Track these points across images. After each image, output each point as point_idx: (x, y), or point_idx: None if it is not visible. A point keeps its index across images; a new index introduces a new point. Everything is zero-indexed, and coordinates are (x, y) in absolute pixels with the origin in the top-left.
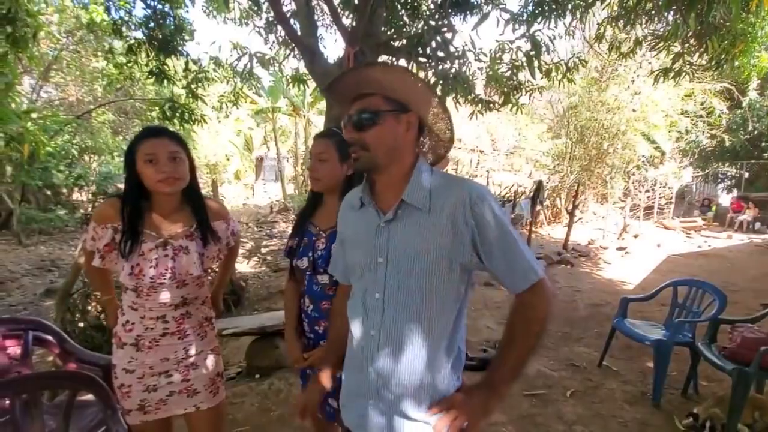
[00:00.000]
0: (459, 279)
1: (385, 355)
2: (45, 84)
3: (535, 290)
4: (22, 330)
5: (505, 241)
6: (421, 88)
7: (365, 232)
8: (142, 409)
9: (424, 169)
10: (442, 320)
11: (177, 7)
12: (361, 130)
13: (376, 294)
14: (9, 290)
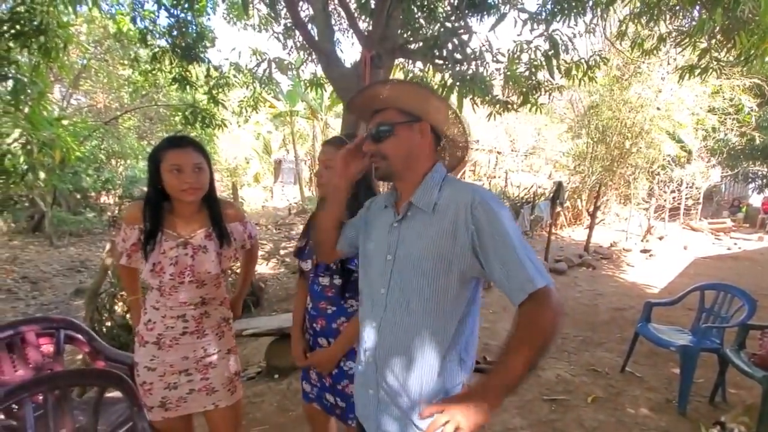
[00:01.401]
0: (459, 284)
1: (385, 349)
2: (74, 92)
3: (535, 301)
4: (55, 329)
5: (504, 247)
6: (432, 98)
7: (381, 230)
8: (164, 406)
9: (438, 174)
10: (441, 323)
11: (199, 16)
12: (379, 141)
13: (382, 289)
14: (41, 290)
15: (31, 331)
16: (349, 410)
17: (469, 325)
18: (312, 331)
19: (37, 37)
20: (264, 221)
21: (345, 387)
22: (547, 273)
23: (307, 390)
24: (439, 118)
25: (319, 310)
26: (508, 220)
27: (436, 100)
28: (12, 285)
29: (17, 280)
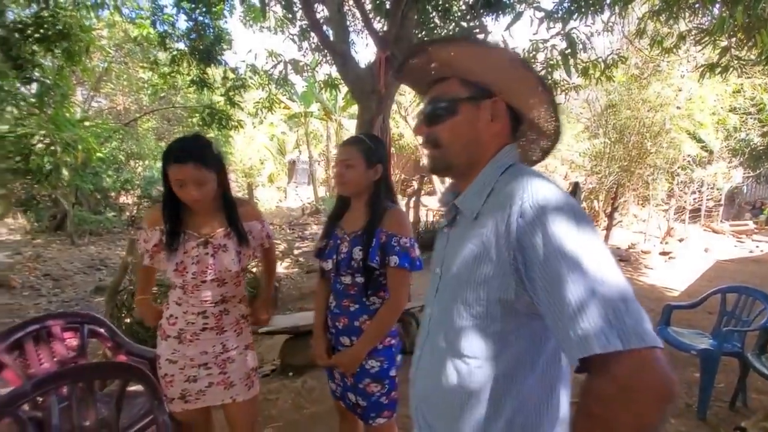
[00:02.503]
0: (508, 320)
1: (419, 387)
2: (96, 94)
3: (599, 374)
4: (79, 323)
5: (557, 278)
6: (510, 64)
7: (438, 236)
8: (184, 398)
9: (499, 164)
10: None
11: (216, 19)
12: (432, 123)
13: (428, 309)
14: (63, 287)
15: (56, 326)
16: (369, 410)
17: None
18: (334, 329)
19: (61, 41)
20: (278, 221)
21: (366, 386)
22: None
23: (333, 388)
24: (522, 93)
25: (342, 308)
26: (576, 235)
27: (518, 67)
28: (35, 282)
29: (40, 277)
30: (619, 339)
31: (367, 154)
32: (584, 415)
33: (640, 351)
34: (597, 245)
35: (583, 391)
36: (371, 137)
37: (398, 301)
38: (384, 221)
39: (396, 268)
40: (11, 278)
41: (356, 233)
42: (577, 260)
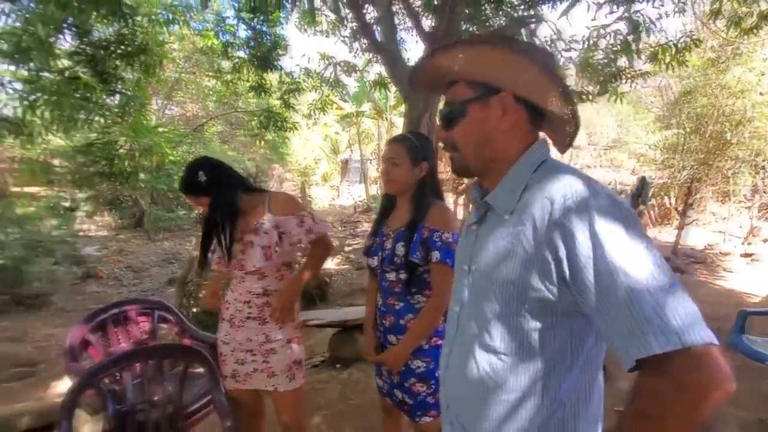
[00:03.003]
0: (542, 319)
1: (452, 378)
2: (169, 103)
3: (658, 368)
4: (151, 309)
5: (609, 277)
6: (512, 59)
7: (465, 232)
8: (234, 377)
9: (531, 160)
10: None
11: (273, 26)
12: (449, 127)
13: (456, 306)
14: (141, 278)
15: (132, 311)
16: (416, 408)
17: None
18: (382, 327)
19: (139, 56)
20: (331, 219)
21: (412, 385)
22: (693, 324)
23: (379, 384)
24: (530, 84)
25: (388, 307)
26: (621, 231)
27: (521, 59)
28: (118, 273)
29: (122, 268)
30: (678, 337)
31: (412, 152)
32: (635, 415)
33: (698, 349)
34: (644, 242)
35: (635, 391)
36: (417, 135)
37: (441, 297)
38: (427, 217)
39: (438, 264)
40: (99, 269)
41: (400, 230)
42: (628, 259)
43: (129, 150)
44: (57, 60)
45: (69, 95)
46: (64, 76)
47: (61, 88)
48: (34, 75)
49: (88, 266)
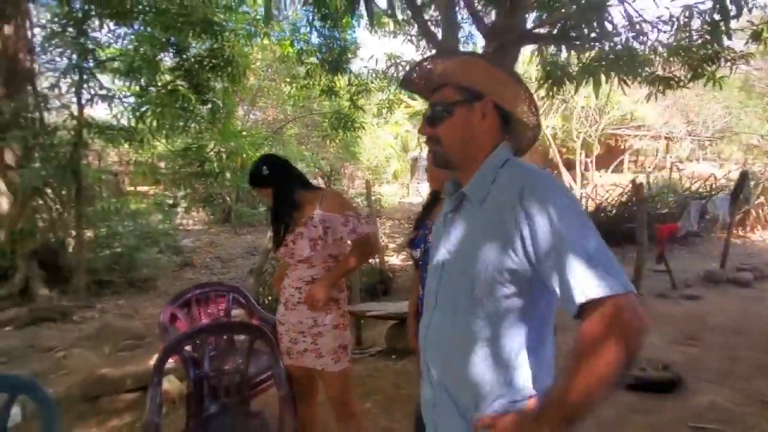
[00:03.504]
0: (511, 285)
1: (432, 351)
2: (252, 108)
3: (594, 316)
4: (227, 292)
5: (556, 242)
6: (495, 72)
7: (439, 221)
8: (289, 354)
9: (498, 158)
10: (488, 326)
11: (343, 32)
12: (434, 124)
13: (433, 282)
14: (228, 268)
15: (211, 292)
16: None
17: (535, 336)
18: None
19: (226, 68)
20: (399, 216)
21: None
22: (621, 279)
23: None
24: (506, 93)
25: None
26: (568, 210)
27: (500, 72)
28: (209, 263)
29: (212, 259)
30: (608, 287)
31: None
32: (576, 355)
33: (621, 296)
34: (581, 214)
35: (577, 336)
36: None
37: None
38: None
39: None
40: (194, 259)
41: None
42: (570, 229)
43: (217, 153)
44: (161, 75)
45: (170, 106)
46: (166, 89)
47: (164, 100)
48: (143, 89)
49: (185, 255)
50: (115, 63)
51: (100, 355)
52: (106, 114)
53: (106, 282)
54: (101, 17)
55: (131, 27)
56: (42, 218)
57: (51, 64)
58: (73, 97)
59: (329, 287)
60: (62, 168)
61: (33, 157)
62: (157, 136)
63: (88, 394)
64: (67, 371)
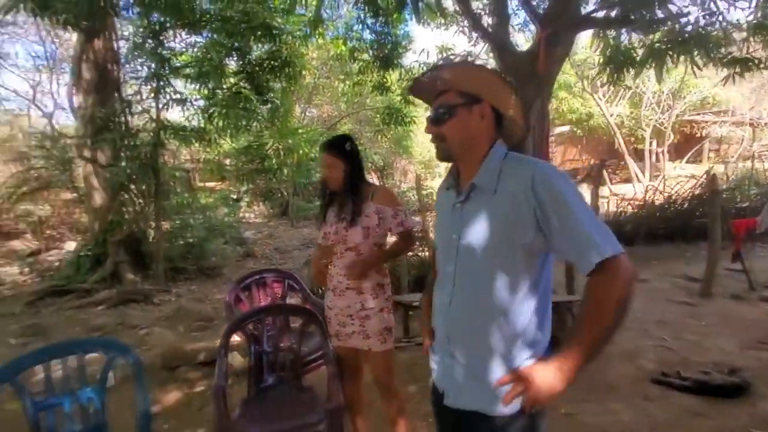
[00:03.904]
0: (526, 260)
1: (456, 323)
2: (308, 106)
3: (603, 271)
4: (283, 278)
5: (568, 219)
6: (492, 79)
7: (446, 211)
8: (337, 336)
9: (498, 153)
10: (508, 298)
11: (396, 27)
12: (438, 124)
13: (450, 267)
14: (286, 258)
15: (269, 278)
16: None
17: (540, 302)
18: None
19: (284, 69)
20: None
21: None
22: (616, 242)
23: None
24: (501, 98)
25: None
26: (571, 193)
27: (496, 80)
28: (268, 254)
29: (271, 250)
30: (612, 249)
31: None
32: (588, 301)
33: (618, 255)
34: (580, 195)
35: (586, 289)
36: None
37: None
38: None
39: None
40: (255, 250)
41: None
42: (575, 204)
43: (276, 150)
44: (226, 79)
45: (234, 107)
46: (231, 91)
47: (229, 102)
48: (211, 93)
49: (247, 246)
50: (187, 69)
51: (176, 334)
52: (180, 116)
53: (181, 269)
54: (175, 28)
55: (200, 35)
56: (128, 211)
57: (134, 73)
58: (152, 102)
59: (374, 264)
60: (144, 166)
61: (120, 156)
62: (223, 135)
63: (168, 364)
64: (149, 347)
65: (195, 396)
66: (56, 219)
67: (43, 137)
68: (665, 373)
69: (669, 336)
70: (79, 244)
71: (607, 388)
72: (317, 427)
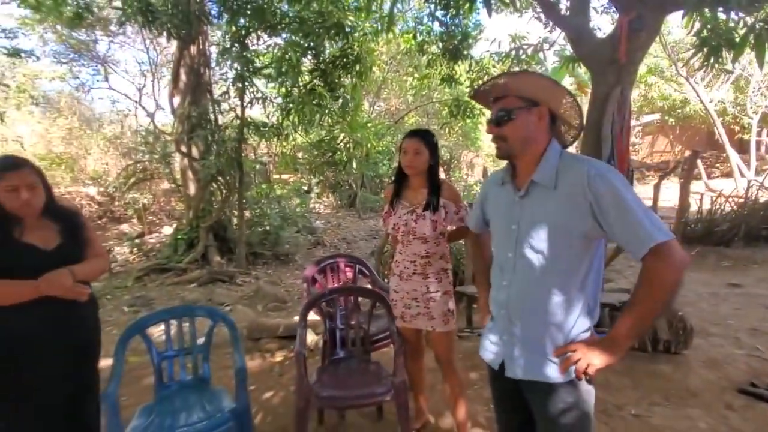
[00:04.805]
0: (582, 245)
1: (516, 303)
2: (377, 100)
3: (656, 255)
4: (354, 263)
5: (622, 209)
6: (547, 84)
7: (504, 205)
8: (402, 318)
9: (554, 152)
10: (565, 279)
11: (466, 17)
12: (499, 125)
13: (509, 254)
14: (353, 249)
15: (342, 262)
16: None
17: (593, 279)
18: None
19: (354, 65)
20: None
21: None
22: (666, 229)
23: None
24: (557, 102)
25: None
26: (624, 186)
27: (551, 85)
28: (336, 243)
29: (339, 240)
30: (664, 235)
31: None
32: (641, 284)
33: (670, 240)
34: (631, 189)
35: (640, 273)
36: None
37: None
38: None
39: None
40: (324, 239)
41: None
42: (628, 196)
43: (346, 143)
44: (302, 77)
45: (309, 103)
46: (306, 89)
47: (304, 99)
48: (288, 91)
49: (317, 235)
50: (268, 69)
51: (255, 312)
52: (260, 113)
53: (259, 254)
54: (257, 31)
55: (280, 36)
56: (215, 200)
57: (222, 75)
58: (237, 100)
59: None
60: (230, 160)
61: (210, 151)
62: (298, 130)
63: (252, 336)
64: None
65: (275, 364)
66: (157, 206)
67: (147, 134)
68: (754, 384)
69: (764, 346)
70: (175, 229)
71: (686, 393)
72: (383, 397)
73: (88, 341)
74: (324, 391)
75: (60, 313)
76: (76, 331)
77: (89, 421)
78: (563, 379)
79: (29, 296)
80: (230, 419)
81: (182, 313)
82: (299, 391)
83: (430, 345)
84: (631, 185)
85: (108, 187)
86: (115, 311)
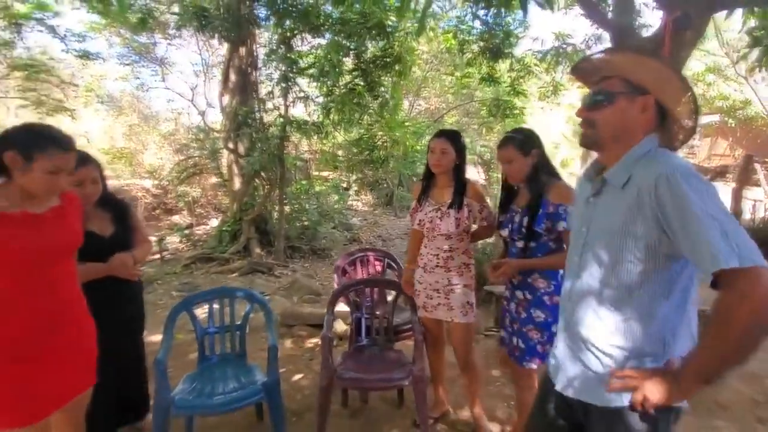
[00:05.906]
0: (652, 260)
1: (575, 312)
2: (416, 99)
3: (728, 284)
4: (383, 257)
5: (687, 220)
6: (664, 71)
7: (580, 203)
8: (424, 308)
9: (641, 149)
10: (630, 295)
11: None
12: (591, 109)
13: (576, 257)
14: (388, 246)
15: (371, 256)
16: (526, 353)
17: (675, 306)
18: (511, 284)
19: (395, 65)
20: None
21: (529, 331)
22: (751, 253)
23: (504, 336)
24: (669, 93)
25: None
26: (697, 192)
27: (668, 73)
28: (373, 240)
29: (375, 237)
30: (738, 259)
31: (521, 147)
32: (713, 323)
33: (754, 268)
34: (714, 195)
35: (714, 305)
36: (519, 131)
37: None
38: (550, 194)
39: (567, 231)
40: (360, 236)
41: (525, 206)
42: (699, 207)
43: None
44: (343, 76)
45: (349, 102)
46: (346, 88)
47: (344, 98)
48: (329, 90)
49: (353, 232)
50: (311, 69)
51: (291, 302)
52: (302, 112)
53: (297, 248)
54: (302, 33)
55: (323, 37)
56: (258, 195)
57: (268, 75)
58: (281, 99)
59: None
60: (273, 156)
61: (255, 148)
62: (338, 128)
63: (285, 322)
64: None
65: (306, 350)
66: (205, 200)
67: (198, 131)
68: None
69: None
70: (220, 221)
71: (715, 405)
72: (402, 382)
73: (137, 314)
74: (346, 373)
75: (116, 289)
76: (126, 305)
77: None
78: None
79: (101, 275)
80: (261, 391)
81: (224, 293)
82: (324, 371)
83: (449, 339)
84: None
85: (162, 181)
86: (165, 295)
